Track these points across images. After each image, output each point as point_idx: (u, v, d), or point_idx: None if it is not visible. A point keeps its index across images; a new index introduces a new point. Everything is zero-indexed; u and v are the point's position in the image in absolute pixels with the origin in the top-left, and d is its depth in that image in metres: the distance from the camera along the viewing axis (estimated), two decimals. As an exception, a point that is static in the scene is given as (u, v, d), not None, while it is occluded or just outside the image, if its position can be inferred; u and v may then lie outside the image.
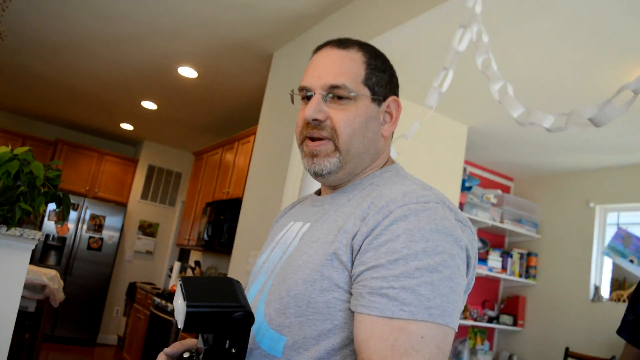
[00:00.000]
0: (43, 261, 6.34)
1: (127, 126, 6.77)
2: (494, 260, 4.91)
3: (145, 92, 5.20)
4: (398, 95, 1.06)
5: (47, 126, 7.28)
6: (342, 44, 1.00)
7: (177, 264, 5.39)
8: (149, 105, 5.59)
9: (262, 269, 1.02)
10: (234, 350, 0.80)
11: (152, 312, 4.90)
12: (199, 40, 3.77)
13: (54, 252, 6.47)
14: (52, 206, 6.11)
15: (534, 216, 5.18)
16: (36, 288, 4.08)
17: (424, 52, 3.06)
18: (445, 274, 0.79)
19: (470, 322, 4.74)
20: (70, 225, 6.55)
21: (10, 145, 2.26)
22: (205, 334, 0.85)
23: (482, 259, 4.82)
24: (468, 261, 0.87)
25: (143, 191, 7.35)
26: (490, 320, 5.02)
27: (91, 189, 6.92)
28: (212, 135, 6.31)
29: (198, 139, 6.66)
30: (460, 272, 0.83)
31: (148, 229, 7.38)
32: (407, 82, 2.26)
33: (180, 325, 0.78)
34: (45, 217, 6.37)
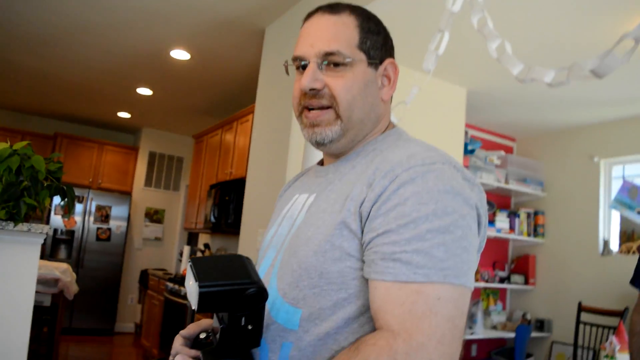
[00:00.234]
0: (54, 256, 6.38)
1: (124, 114, 6.73)
2: (502, 221, 4.92)
3: (140, 78, 5.15)
4: (394, 57, 1.03)
5: (44, 121, 7.25)
6: (333, 9, 0.97)
7: (186, 248, 5.42)
8: (145, 91, 5.55)
9: (271, 244, 1.01)
10: (250, 327, 0.80)
11: (167, 297, 4.95)
12: (189, 21, 3.72)
13: (64, 246, 6.51)
14: (58, 200, 6.12)
15: (538, 175, 5.16)
16: (49, 282, 4.11)
17: (418, 15, 3.01)
18: (457, 234, 0.78)
19: (482, 284, 4.77)
20: (77, 218, 6.56)
21: (9, 141, 2.25)
22: (220, 313, 0.84)
23: (490, 221, 4.83)
24: (479, 219, 0.86)
25: (146, 178, 7.35)
26: (502, 280, 5.05)
27: (94, 180, 6.92)
28: (210, 117, 6.28)
29: (196, 122, 6.63)
30: (472, 231, 0.83)
31: (155, 216, 7.40)
32: (403, 47, 2.22)
33: (194, 307, 0.77)
34: (52, 212, 6.39)
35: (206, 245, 5.52)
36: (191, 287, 0.79)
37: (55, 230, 6.42)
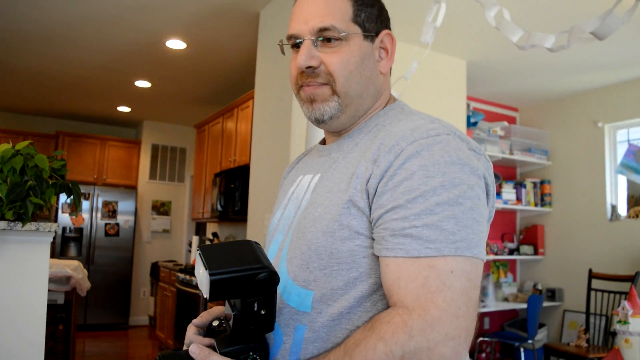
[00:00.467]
0: (64, 254, 6.42)
1: (124, 108, 6.71)
2: (508, 192, 4.91)
3: (137, 71, 5.13)
4: (390, 29, 1.01)
5: (45, 120, 7.24)
6: None
7: (195, 238, 5.44)
8: (143, 84, 5.52)
9: (279, 227, 1.00)
10: (263, 312, 0.80)
11: (178, 288, 4.98)
12: (182, 9, 3.68)
13: (73, 243, 6.55)
14: (64, 199, 6.14)
15: (543, 144, 5.13)
16: (61, 280, 4.13)
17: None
18: (466, 206, 0.77)
19: (491, 257, 4.77)
20: (85, 215, 6.59)
21: (11, 142, 2.24)
22: (232, 300, 0.83)
23: (497, 193, 4.81)
24: (487, 189, 0.85)
25: (150, 171, 7.36)
26: (511, 252, 5.05)
27: (99, 177, 6.93)
28: (210, 105, 6.25)
29: (197, 112, 6.60)
30: (481, 201, 0.81)
31: (161, 208, 7.42)
32: (400, 21, 2.19)
33: (205, 295, 0.76)
34: (59, 211, 6.41)
35: (214, 234, 5.53)
36: (201, 276, 0.78)
37: (64, 229, 6.45)
